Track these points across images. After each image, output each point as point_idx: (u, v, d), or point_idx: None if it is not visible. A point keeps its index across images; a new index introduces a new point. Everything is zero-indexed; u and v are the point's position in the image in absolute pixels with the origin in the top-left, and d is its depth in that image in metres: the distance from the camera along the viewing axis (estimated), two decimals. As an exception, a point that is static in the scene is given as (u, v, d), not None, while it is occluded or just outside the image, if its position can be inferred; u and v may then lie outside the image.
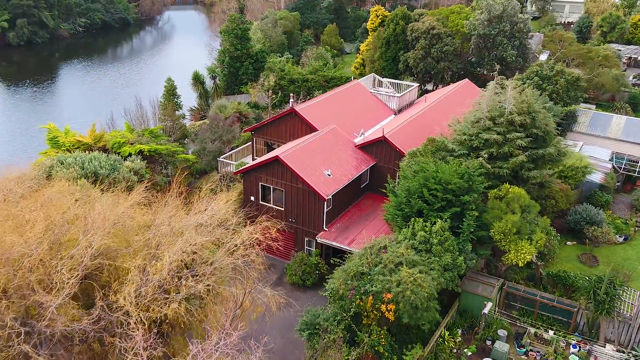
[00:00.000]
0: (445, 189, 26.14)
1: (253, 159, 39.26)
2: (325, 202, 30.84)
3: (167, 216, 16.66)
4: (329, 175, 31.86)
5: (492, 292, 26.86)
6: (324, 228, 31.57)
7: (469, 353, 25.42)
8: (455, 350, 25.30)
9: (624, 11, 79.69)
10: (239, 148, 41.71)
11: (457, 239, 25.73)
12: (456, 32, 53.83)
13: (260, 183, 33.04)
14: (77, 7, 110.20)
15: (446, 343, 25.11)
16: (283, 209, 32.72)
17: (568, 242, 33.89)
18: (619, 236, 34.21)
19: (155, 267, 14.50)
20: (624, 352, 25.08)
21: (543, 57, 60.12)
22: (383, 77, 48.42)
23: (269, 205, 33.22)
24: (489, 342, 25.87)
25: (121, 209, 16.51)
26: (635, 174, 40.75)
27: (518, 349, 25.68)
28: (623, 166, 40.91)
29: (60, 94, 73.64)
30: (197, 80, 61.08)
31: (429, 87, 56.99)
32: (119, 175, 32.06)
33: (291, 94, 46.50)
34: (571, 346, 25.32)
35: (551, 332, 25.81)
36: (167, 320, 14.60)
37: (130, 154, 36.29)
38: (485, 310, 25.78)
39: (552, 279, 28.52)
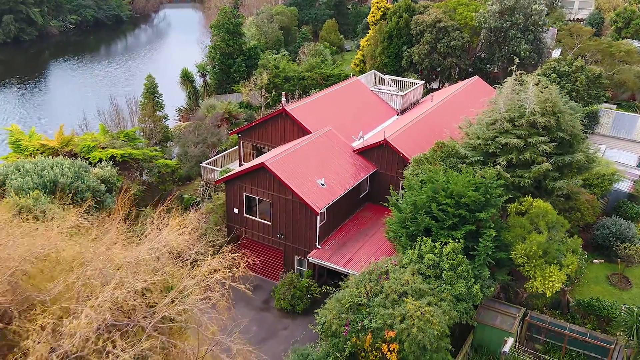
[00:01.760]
0: (458, 203, 22.22)
1: (240, 165, 35.26)
2: (317, 217, 26.83)
3: (101, 250, 12.69)
4: (323, 185, 27.84)
5: (512, 324, 22.83)
6: (317, 245, 27.58)
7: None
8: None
9: (638, 6, 75.45)
10: (225, 152, 37.65)
11: (472, 263, 21.81)
12: (464, 26, 49.69)
13: (244, 193, 29.03)
14: (67, 3, 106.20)
15: (459, 388, 21.14)
16: (270, 223, 28.72)
17: (595, 260, 29.83)
18: (653, 254, 30.09)
19: (71, 327, 10.56)
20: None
21: (556, 53, 55.92)
22: (385, 74, 44.37)
23: (254, 218, 29.23)
24: (509, 385, 21.89)
25: (40, 240, 12.57)
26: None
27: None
28: (652, 173, 36.72)
29: (42, 93, 69.57)
30: (186, 78, 56.92)
31: (435, 85, 52.97)
32: (84, 185, 28.03)
33: (283, 93, 42.51)
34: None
35: (584, 375, 21.76)
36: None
37: (100, 160, 32.28)
38: (506, 349, 21.74)
39: (583, 308, 24.41)
